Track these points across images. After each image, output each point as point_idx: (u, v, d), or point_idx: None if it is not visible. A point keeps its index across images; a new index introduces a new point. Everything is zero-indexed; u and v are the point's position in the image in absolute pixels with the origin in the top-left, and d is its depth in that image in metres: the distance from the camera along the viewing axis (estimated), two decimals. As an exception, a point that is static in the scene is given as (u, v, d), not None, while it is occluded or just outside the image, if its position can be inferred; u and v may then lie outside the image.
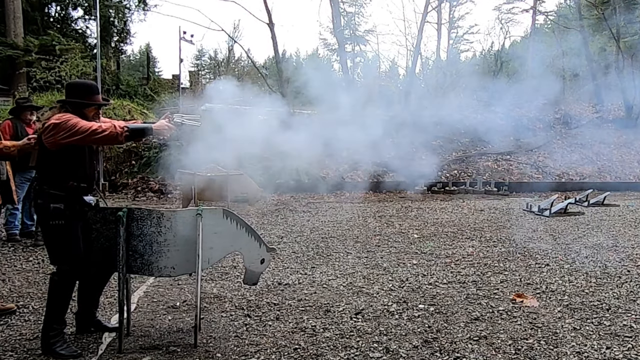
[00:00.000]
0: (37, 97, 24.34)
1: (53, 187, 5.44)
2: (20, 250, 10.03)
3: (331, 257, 9.83)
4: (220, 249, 5.87)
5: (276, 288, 7.87)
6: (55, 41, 28.48)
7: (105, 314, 6.68)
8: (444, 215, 14.99)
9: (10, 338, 5.93)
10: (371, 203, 17.71)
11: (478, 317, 6.70)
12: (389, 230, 12.56)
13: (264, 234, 11.63)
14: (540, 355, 5.59)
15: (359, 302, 7.25)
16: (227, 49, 66.01)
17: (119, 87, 32.22)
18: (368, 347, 5.73)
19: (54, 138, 5.29)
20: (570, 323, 6.54)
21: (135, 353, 5.53)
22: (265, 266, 6.16)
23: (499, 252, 10.34)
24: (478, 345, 5.83)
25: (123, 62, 43.53)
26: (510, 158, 24.52)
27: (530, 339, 6.02)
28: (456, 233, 12.22)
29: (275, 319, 6.59)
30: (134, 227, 5.52)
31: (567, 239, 11.60)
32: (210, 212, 5.77)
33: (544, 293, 7.76)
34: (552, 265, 9.39)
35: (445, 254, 10.14)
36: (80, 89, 5.77)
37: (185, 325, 6.33)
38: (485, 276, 8.63)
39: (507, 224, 13.60)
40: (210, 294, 7.54)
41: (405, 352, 5.62)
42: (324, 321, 6.51)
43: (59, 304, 5.49)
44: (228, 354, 5.54)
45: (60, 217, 5.42)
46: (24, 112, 10.70)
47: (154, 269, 5.65)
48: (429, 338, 6.00)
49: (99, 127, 5.32)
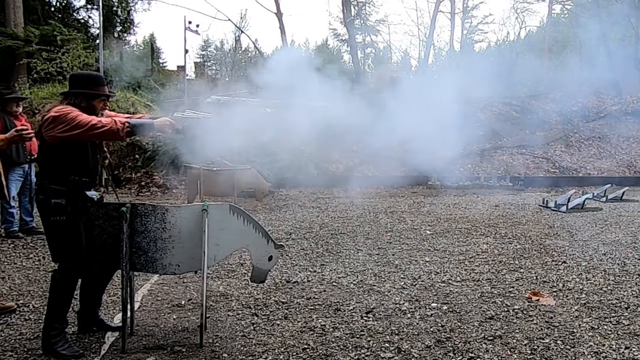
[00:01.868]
0: (38, 88, 24.35)
1: (54, 181, 5.42)
2: (20, 247, 10.05)
3: (341, 254, 9.83)
4: (226, 246, 5.86)
5: (284, 286, 7.87)
6: (57, 31, 28.37)
7: (108, 313, 6.69)
8: (457, 211, 14.99)
9: (10, 337, 5.93)
10: (382, 198, 17.71)
11: (493, 316, 6.69)
12: (400, 226, 12.56)
13: (272, 230, 11.64)
14: (557, 356, 5.57)
15: (369, 300, 7.24)
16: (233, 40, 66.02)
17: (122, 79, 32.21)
18: (379, 347, 5.73)
19: (53, 132, 5.26)
20: (588, 322, 6.52)
21: (139, 353, 5.53)
22: (273, 263, 6.15)
23: (515, 249, 10.33)
24: (493, 345, 5.82)
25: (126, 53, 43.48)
26: (526, 152, 24.46)
27: (546, 338, 6.01)
28: (470, 229, 12.21)
29: (283, 317, 6.59)
30: (138, 223, 5.51)
31: (585, 236, 11.58)
32: (216, 208, 5.76)
33: (561, 291, 7.74)
34: (569, 262, 9.37)
35: (459, 250, 10.13)
36: (85, 80, 5.75)
37: (191, 325, 6.33)
38: (500, 274, 8.61)
39: (523, 219, 13.59)
40: (217, 292, 7.54)
41: (418, 352, 5.61)
42: (333, 320, 6.50)
43: (60, 302, 5.49)
44: (235, 354, 5.54)
45: (61, 212, 5.40)
46: (9, 103, 10.47)
47: (158, 267, 5.64)
48: (442, 338, 5.99)
49: (99, 122, 5.29)
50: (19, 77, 26.16)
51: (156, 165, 19.65)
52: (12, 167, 10.14)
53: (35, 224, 11.00)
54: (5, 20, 28.16)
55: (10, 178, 9.98)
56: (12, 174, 10.19)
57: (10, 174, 9.96)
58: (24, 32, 28.00)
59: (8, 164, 9.26)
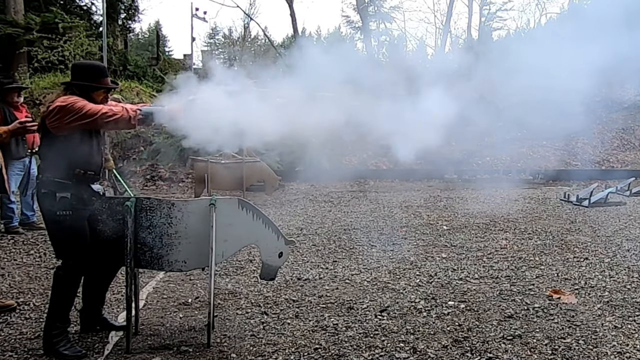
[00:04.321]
0: (39, 78, 24.39)
1: (58, 175, 5.41)
2: (21, 243, 10.07)
3: (354, 250, 9.83)
4: (235, 242, 5.87)
5: (295, 283, 7.88)
6: (58, 18, 28.32)
7: (112, 312, 6.71)
8: (475, 205, 14.95)
9: (10, 337, 5.95)
10: (397, 192, 17.68)
11: (512, 314, 6.68)
12: (416, 221, 12.54)
13: (282, 225, 11.64)
14: (578, 356, 5.57)
15: (384, 298, 7.25)
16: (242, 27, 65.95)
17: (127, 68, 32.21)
18: (394, 347, 5.73)
19: (60, 122, 5.24)
20: (611, 321, 6.50)
21: (144, 353, 5.54)
22: (284, 260, 6.16)
23: (535, 245, 10.30)
24: (512, 344, 5.81)
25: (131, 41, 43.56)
26: (546, 144, 24.37)
27: (568, 338, 6.00)
28: (488, 224, 12.19)
29: (294, 316, 6.60)
30: (143, 218, 5.52)
31: (608, 231, 11.54)
32: (224, 202, 5.76)
33: (583, 289, 7.72)
34: (591, 259, 9.34)
35: (477, 247, 10.12)
36: (88, 71, 5.73)
37: (198, 324, 6.34)
38: (520, 271, 8.60)
39: (543, 214, 13.55)
40: (225, 289, 7.56)
41: (434, 352, 5.61)
42: (346, 319, 6.51)
43: (62, 300, 5.50)
44: (244, 354, 5.55)
45: (66, 207, 5.39)
46: (10, 93, 10.42)
47: (164, 263, 5.65)
48: (459, 337, 5.99)
49: (109, 110, 5.30)
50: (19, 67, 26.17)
51: (162, 157, 19.66)
52: (12, 161, 10.09)
53: (36, 218, 11.01)
54: (5, 7, 28.14)
55: (9, 172, 9.97)
56: (12, 168, 10.09)
57: (9, 168, 9.94)
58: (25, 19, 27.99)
59: (7, 157, 9.26)
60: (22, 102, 10.74)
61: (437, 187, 19.26)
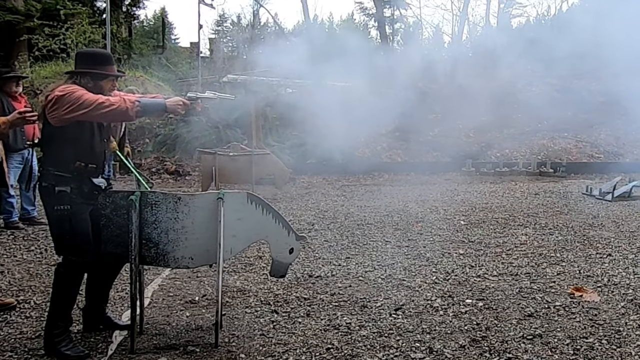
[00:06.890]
0: (40, 67, 24.43)
1: (58, 168, 5.40)
2: (21, 239, 10.09)
3: (368, 246, 9.83)
4: (243, 238, 5.86)
5: (306, 281, 7.88)
6: (60, 5, 28.30)
7: (116, 310, 6.72)
8: (494, 199, 14.94)
9: (10, 336, 5.95)
10: (412, 186, 17.67)
11: (532, 313, 6.66)
12: (432, 216, 12.53)
13: (293, 220, 11.64)
14: (601, 356, 5.55)
15: (399, 296, 7.24)
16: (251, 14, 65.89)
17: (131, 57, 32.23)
18: (409, 347, 5.72)
19: (57, 112, 5.22)
20: (635, 320, 6.49)
21: (150, 353, 5.54)
22: (294, 256, 6.16)
23: (556, 240, 10.28)
24: (532, 344, 5.80)
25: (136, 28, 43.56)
26: (568, 135, 24.29)
27: (590, 337, 5.99)
28: (507, 219, 12.17)
29: (305, 315, 6.60)
30: (148, 212, 5.49)
31: (632, 226, 11.52)
32: (232, 196, 5.75)
33: (606, 286, 7.70)
34: (614, 255, 9.32)
35: (496, 242, 10.11)
36: (94, 59, 5.73)
37: (205, 323, 6.34)
38: (540, 267, 8.58)
39: (565, 209, 13.52)
40: (233, 287, 7.56)
41: (451, 352, 5.60)
42: (360, 318, 6.50)
43: (64, 298, 5.49)
44: (253, 354, 5.55)
45: (66, 201, 5.38)
46: (8, 83, 10.37)
47: (170, 260, 5.63)
48: (477, 336, 5.98)
49: (106, 101, 5.24)
50: (19, 55, 26.23)
51: (168, 149, 19.68)
52: (10, 153, 10.04)
53: (37, 213, 11.02)
54: (5, -7, 28.19)
55: (8, 165, 9.96)
56: (10, 160, 10.02)
57: (8, 160, 9.92)
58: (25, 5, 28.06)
59: (6, 149, 9.25)
60: (22, 92, 10.73)
61: (454, 180, 19.22)
